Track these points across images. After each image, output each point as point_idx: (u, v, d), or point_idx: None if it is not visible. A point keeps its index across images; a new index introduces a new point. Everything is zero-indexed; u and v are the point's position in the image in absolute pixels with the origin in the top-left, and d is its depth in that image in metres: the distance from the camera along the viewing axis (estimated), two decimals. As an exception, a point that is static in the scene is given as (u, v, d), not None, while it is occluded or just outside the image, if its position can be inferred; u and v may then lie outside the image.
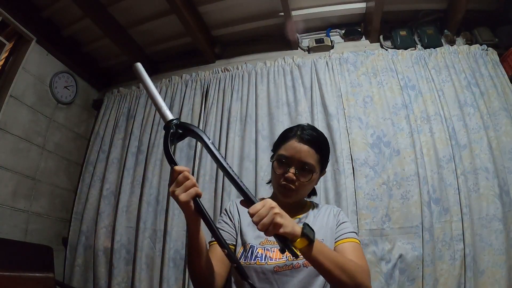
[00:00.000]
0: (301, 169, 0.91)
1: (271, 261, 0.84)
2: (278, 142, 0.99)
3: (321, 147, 0.95)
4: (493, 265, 1.42)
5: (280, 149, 0.95)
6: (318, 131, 0.99)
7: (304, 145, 0.91)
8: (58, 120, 2.15)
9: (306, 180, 0.91)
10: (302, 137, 0.93)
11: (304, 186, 0.93)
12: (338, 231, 0.91)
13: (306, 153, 0.91)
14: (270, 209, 0.64)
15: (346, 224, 0.93)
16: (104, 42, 2.23)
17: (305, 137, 0.93)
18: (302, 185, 0.92)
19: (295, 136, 0.94)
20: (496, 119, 1.70)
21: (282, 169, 0.92)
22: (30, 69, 1.96)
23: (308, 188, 0.97)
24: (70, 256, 1.94)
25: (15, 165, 1.84)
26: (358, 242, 0.89)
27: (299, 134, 0.94)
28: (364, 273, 0.77)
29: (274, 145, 1.02)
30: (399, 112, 1.76)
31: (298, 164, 0.91)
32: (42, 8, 2.01)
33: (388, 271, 1.46)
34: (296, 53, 2.17)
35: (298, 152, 0.91)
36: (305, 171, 0.91)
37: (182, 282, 1.67)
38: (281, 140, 0.98)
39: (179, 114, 2.08)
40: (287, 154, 0.92)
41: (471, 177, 1.58)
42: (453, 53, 1.91)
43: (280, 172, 0.92)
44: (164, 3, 1.86)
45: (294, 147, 0.92)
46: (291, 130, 0.98)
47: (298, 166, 0.91)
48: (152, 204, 1.88)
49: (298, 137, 0.93)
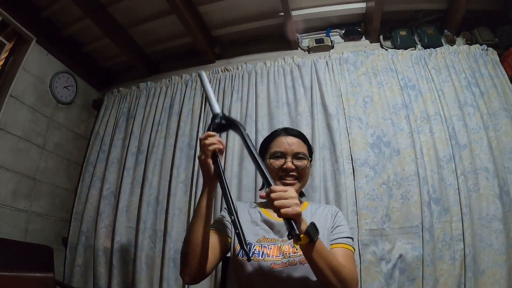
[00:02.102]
0: (296, 158, 1.00)
1: (268, 257, 0.85)
2: (265, 144, 1.07)
3: (305, 138, 1.07)
4: (493, 265, 1.41)
5: (271, 148, 1.04)
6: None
7: (293, 138, 1.03)
8: (58, 120, 2.16)
9: (303, 165, 0.99)
10: (289, 132, 1.05)
11: (304, 173, 1.00)
12: (334, 234, 0.92)
13: (297, 144, 1.02)
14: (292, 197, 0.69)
15: (343, 228, 0.94)
16: (104, 42, 2.23)
17: (291, 132, 1.05)
18: (301, 172, 0.99)
19: (282, 133, 1.05)
20: (496, 119, 1.70)
21: (279, 163, 0.99)
22: (30, 69, 1.96)
23: (306, 177, 1.02)
24: (70, 256, 1.94)
25: (15, 165, 1.84)
26: (352, 249, 0.91)
27: (284, 130, 1.06)
28: (354, 281, 0.81)
29: (262, 148, 1.08)
30: (399, 112, 1.76)
31: (293, 154, 1.00)
32: (42, 8, 2.01)
33: (388, 271, 1.46)
34: (296, 53, 2.17)
35: (290, 144, 1.01)
36: (300, 159, 1.00)
37: (182, 282, 1.67)
38: (268, 141, 1.06)
39: (179, 114, 2.08)
40: (281, 149, 1.01)
41: (471, 177, 1.58)
42: (453, 53, 1.91)
43: (277, 166, 0.98)
44: (164, 3, 1.86)
45: (285, 141, 1.02)
46: (275, 131, 1.09)
47: (293, 156, 1.00)
48: (152, 204, 1.88)
49: (285, 133, 1.05)
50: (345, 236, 0.92)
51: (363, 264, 1.48)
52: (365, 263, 1.48)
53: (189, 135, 1.99)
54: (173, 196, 1.84)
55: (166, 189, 1.89)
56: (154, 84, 2.31)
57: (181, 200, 1.84)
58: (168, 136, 2.02)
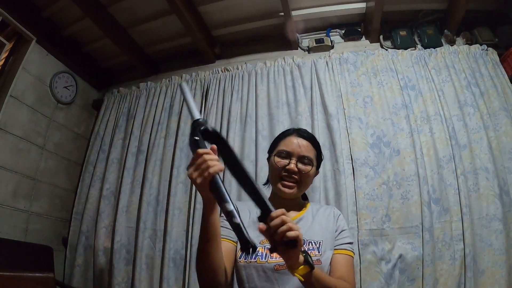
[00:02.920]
0: (301, 161, 0.96)
1: (271, 259, 0.84)
2: (275, 141, 1.04)
3: (317, 144, 1.02)
4: (493, 265, 1.42)
5: (279, 145, 1.00)
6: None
7: (303, 140, 0.98)
8: (58, 120, 2.15)
9: (306, 171, 0.95)
10: (300, 133, 1.01)
11: (305, 179, 0.96)
12: (338, 239, 0.92)
13: (305, 147, 0.97)
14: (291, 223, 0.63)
15: (346, 233, 0.95)
16: (104, 42, 2.23)
17: (303, 133, 1.01)
18: (303, 178, 0.95)
19: (294, 133, 1.01)
20: (496, 119, 1.70)
21: (283, 162, 0.96)
22: (30, 69, 1.96)
23: (307, 183, 0.99)
24: (70, 256, 1.94)
25: (15, 165, 1.84)
26: (353, 254, 0.92)
27: (297, 131, 1.02)
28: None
29: (272, 145, 1.06)
30: (399, 112, 1.76)
31: (298, 156, 0.96)
32: (42, 8, 2.01)
33: (388, 271, 1.46)
34: (296, 53, 2.17)
35: (298, 146, 0.97)
36: (305, 163, 0.96)
37: (182, 282, 1.67)
38: (279, 139, 1.03)
39: (179, 114, 2.08)
40: (288, 148, 0.97)
41: (471, 177, 1.58)
42: (453, 53, 1.91)
43: (281, 165, 0.96)
44: (164, 3, 1.86)
45: (294, 141, 0.98)
46: (288, 130, 1.05)
47: (298, 158, 0.96)
48: (152, 204, 1.88)
49: (297, 133, 1.00)
50: (348, 242, 0.93)
51: (363, 264, 1.48)
52: (365, 263, 1.48)
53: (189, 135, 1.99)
54: (173, 196, 1.84)
55: (166, 189, 1.89)
56: (154, 84, 2.31)
57: (181, 200, 1.84)
58: (168, 136, 2.02)
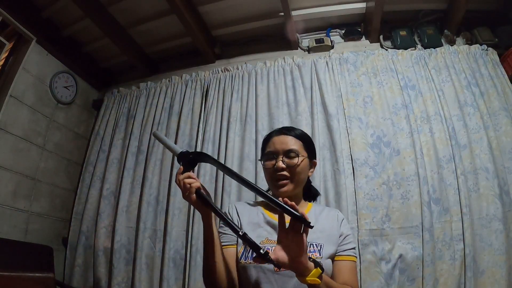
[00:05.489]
0: (287, 156, 0.97)
1: None
2: (262, 146, 1.07)
3: (301, 135, 1.03)
4: (493, 265, 1.42)
5: (265, 149, 1.03)
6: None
7: (285, 136, 1.01)
8: (58, 120, 2.15)
9: (293, 163, 0.95)
10: (281, 131, 1.03)
11: (297, 173, 0.96)
12: (342, 245, 0.92)
13: (288, 142, 0.99)
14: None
15: (350, 238, 0.95)
16: (104, 42, 2.23)
17: (284, 131, 1.03)
18: (294, 172, 0.95)
19: (275, 133, 1.04)
20: (496, 119, 1.70)
21: (272, 163, 0.97)
22: (30, 69, 1.96)
23: (301, 176, 0.98)
24: (70, 256, 1.94)
25: (15, 165, 1.84)
26: (356, 259, 0.93)
27: (278, 130, 1.05)
28: None
29: (261, 151, 1.08)
30: (399, 112, 1.76)
31: (283, 152, 0.97)
32: (42, 8, 2.01)
33: (388, 271, 1.46)
34: (296, 53, 2.17)
35: (280, 143, 0.99)
36: (291, 157, 0.96)
37: (182, 282, 1.67)
38: (264, 142, 1.06)
39: (179, 114, 2.08)
40: (272, 148, 1.00)
41: (471, 177, 1.58)
42: (453, 53, 1.91)
43: (270, 166, 0.97)
44: (164, 3, 1.86)
45: (277, 141, 1.00)
46: (271, 132, 1.08)
47: (284, 154, 0.97)
48: (152, 204, 1.88)
49: (278, 132, 1.03)
50: (351, 248, 0.93)
51: (363, 264, 1.48)
52: (365, 263, 1.48)
53: (189, 135, 2.00)
54: (173, 196, 1.84)
55: (166, 189, 1.89)
56: (154, 84, 2.31)
57: (181, 200, 1.83)
58: (168, 136, 2.02)
